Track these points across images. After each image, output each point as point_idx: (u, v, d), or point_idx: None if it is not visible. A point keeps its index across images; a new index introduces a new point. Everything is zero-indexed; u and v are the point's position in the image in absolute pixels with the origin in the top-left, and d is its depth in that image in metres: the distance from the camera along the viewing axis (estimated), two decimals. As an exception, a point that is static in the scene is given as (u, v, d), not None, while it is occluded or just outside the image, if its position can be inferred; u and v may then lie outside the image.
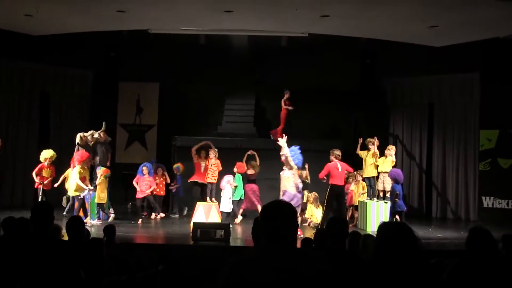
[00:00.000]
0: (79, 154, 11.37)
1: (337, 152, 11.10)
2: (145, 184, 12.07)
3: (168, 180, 12.90)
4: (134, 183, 12.16)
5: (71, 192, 11.15)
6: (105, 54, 15.41)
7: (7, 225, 5.05)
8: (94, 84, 15.40)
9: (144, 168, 12.14)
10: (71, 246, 4.22)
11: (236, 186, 11.80)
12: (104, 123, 12.37)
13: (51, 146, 14.73)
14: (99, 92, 15.27)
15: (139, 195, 12.05)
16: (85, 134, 12.07)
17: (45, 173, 11.56)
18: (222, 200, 11.52)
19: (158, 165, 13.02)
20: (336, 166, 11.04)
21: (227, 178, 11.63)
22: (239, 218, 11.76)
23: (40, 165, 11.58)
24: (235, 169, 12.03)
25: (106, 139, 12.43)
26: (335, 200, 11.01)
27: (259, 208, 11.48)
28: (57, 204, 11.21)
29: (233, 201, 11.80)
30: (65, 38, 13.50)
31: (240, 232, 10.85)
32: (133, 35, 14.00)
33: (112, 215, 11.47)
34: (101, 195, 11.37)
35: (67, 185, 11.43)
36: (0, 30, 12.66)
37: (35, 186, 11.67)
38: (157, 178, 12.62)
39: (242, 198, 11.84)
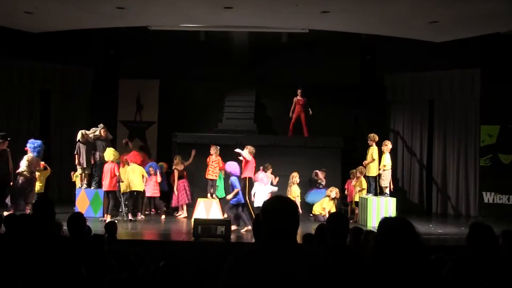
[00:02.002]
0: (133, 156, 11.67)
1: (252, 149, 11.03)
2: (153, 183, 12.11)
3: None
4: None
5: (139, 187, 11.47)
6: (105, 51, 15.39)
7: (9, 222, 5.07)
8: (94, 81, 15.42)
9: (151, 168, 12.15)
10: (72, 242, 4.22)
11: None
12: (101, 124, 12.37)
13: (51, 144, 14.80)
14: (99, 89, 15.27)
15: (148, 194, 12.14)
16: (87, 132, 12.08)
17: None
18: (257, 196, 11.57)
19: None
20: (254, 162, 11.02)
21: (263, 174, 11.68)
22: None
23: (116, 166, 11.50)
24: None
25: (107, 136, 12.43)
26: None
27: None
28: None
29: (220, 199, 11.96)
30: (65, 35, 13.49)
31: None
32: (133, 32, 13.97)
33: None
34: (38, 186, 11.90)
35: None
36: None
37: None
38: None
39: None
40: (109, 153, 11.41)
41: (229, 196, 10.73)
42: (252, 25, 12.80)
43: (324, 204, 11.99)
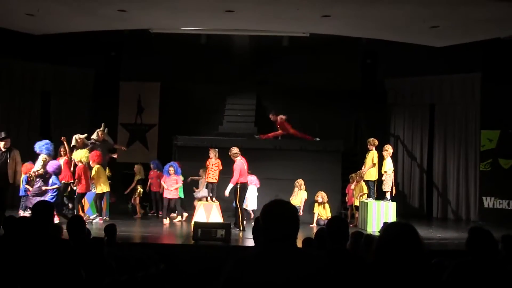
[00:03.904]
0: (95, 156, 11.47)
1: (235, 151, 10.87)
2: (172, 184, 11.99)
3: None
4: (162, 182, 12.16)
5: (107, 188, 11.54)
6: (106, 54, 15.42)
7: (8, 224, 5.06)
8: (95, 83, 15.42)
9: (171, 168, 12.07)
10: (72, 245, 4.22)
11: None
12: (103, 124, 12.36)
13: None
14: (100, 92, 15.27)
15: (167, 195, 11.99)
16: (80, 136, 12.01)
17: None
18: (250, 199, 11.58)
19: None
20: (243, 164, 10.90)
21: (252, 177, 11.67)
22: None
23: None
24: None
25: (106, 139, 12.39)
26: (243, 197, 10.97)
27: None
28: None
29: (182, 199, 12.01)
30: (66, 37, 13.50)
31: None
32: (134, 34, 13.99)
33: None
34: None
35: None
36: (1, 29, 12.66)
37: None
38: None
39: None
40: (81, 154, 11.14)
41: (45, 187, 10.59)
42: (253, 29, 12.82)
43: (314, 210, 11.97)
